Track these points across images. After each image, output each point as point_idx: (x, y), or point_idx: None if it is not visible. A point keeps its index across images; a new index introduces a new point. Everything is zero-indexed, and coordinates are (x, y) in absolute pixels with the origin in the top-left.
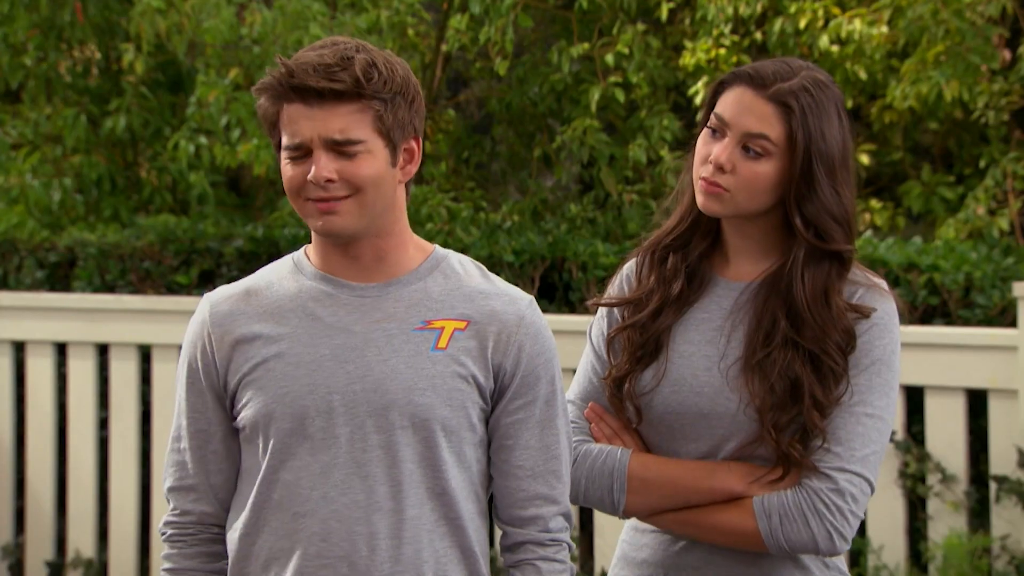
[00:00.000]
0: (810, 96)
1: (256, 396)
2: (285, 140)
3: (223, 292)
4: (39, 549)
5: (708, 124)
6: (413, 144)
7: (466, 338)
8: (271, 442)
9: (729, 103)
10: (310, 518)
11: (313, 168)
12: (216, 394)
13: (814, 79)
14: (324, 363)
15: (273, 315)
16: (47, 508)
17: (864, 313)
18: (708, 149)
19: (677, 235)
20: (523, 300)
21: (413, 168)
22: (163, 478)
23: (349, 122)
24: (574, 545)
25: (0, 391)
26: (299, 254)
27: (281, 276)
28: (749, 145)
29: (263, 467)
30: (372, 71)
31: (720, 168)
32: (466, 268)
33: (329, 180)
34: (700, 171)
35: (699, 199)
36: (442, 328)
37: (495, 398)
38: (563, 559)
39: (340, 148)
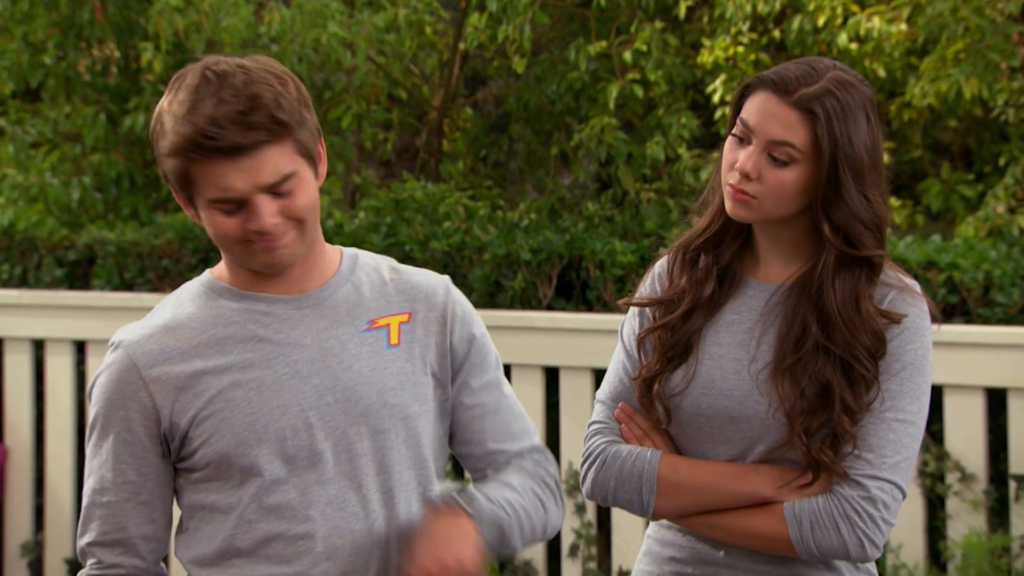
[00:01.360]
0: (835, 99)
1: (220, 429)
2: (213, 195)
3: (137, 332)
4: (58, 547)
5: (733, 130)
6: (319, 147)
7: (411, 329)
8: (250, 471)
9: (753, 109)
10: (310, 539)
11: (257, 219)
12: (154, 440)
13: (840, 81)
14: (287, 382)
15: (211, 346)
16: (66, 506)
17: (895, 319)
18: (735, 155)
19: (708, 236)
20: (436, 273)
21: (324, 167)
22: (79, 532)
23: (278, 161)
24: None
25: (20, 389)
26: (208, 279)
27: (199, 305)
28: (774, 152)
29: (243, 498)
30: (280, 99)
31: (746, 176)
32: (377, 262)
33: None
34: (727, 177)
35: (728, 206)
36: (388, 325)
37: (453, 378)
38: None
39: (277, 188)
